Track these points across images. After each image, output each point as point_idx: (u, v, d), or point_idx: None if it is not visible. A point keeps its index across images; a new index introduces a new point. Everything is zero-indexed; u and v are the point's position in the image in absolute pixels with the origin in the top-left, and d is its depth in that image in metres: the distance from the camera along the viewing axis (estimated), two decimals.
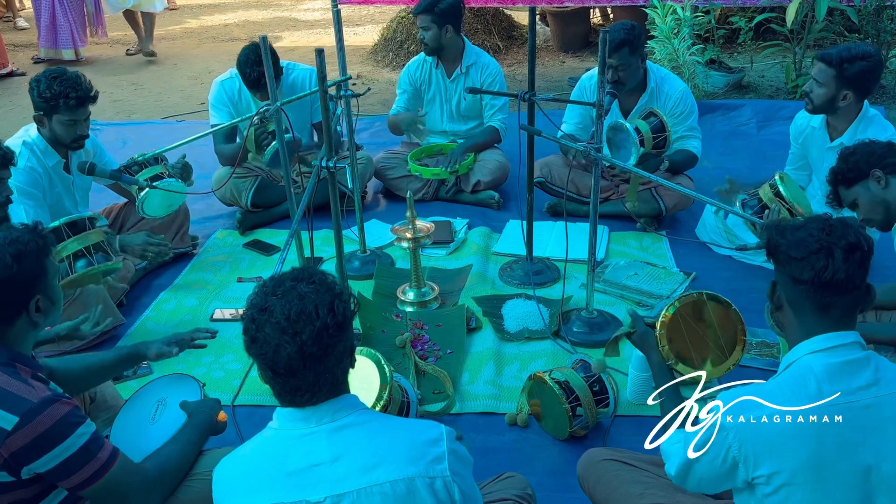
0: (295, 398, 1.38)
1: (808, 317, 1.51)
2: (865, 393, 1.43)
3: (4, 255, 1.63)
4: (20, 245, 1.66)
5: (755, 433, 1.43)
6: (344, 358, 1.41)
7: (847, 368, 1.45)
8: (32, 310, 1.69)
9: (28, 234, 1.70)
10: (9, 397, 1.56)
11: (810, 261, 1.46)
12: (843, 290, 1.47)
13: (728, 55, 6.32)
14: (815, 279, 1.46)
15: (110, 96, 6.39)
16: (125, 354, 2.14)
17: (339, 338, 1.37)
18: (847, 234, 1.47)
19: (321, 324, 1.33)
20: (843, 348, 1.47)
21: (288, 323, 1.32)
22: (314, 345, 1.32)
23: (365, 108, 5.30)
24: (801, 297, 1.50)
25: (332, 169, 2.67)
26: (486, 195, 4.07)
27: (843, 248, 1.45)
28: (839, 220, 1.52)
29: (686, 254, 3.50)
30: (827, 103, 3.01)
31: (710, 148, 4.45)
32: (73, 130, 3.03)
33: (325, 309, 1.35)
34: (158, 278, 3.45)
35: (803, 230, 1.50)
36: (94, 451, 1.62)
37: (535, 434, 2.45)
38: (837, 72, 2.93)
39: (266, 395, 2.64)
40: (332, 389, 1.39)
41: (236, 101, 3.86)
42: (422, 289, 3.17)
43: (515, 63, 6.83)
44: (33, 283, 1.69)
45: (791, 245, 1.49)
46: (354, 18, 8.80)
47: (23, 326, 1.70)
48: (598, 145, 2.62)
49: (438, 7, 3.87)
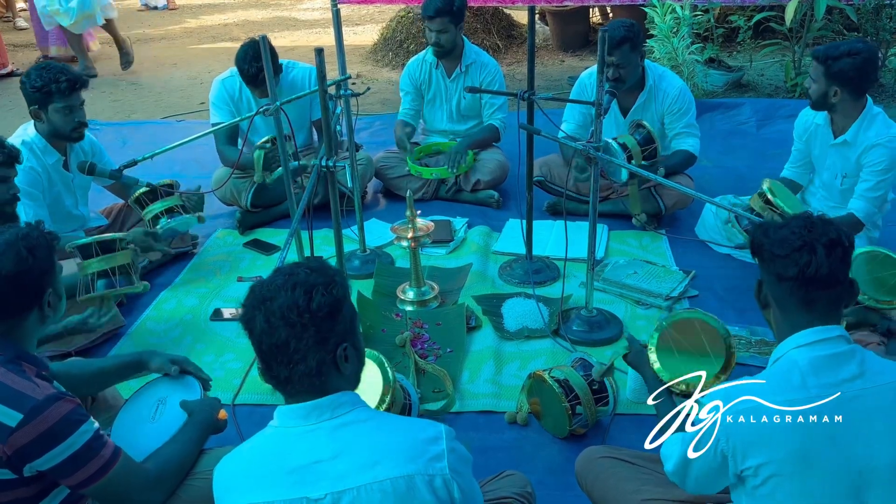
0: (279, 385, 1.39)
1: (793, 313, 1.53)
2: (850, 385, 1.44)
3: (20, 248, 1.67)
4: (31, 240, 1.70)
5: (741, 426, 1.44)
6: (326, 350, 1.36)
7: (832, 361, 1.47)
8: (46, 304, 1.73)
9: (34, 230, 1.75)
10: (13, 394, 1.57)
11: (794, 257, 1.49)
12: (826, 285, 1.49)
13: (727, 54, 6.33)
14: (800, 275, 1.48)
15: (110, 96, 6.40)
16: (127, 362, 2.14)
17: (315, 323, 1.34)
18: (828, 230, 1.50)
19: (290, 301, 1.33)
20: (828, 342, 1.49)
21: (263, 296, 1.35)
22: (281, 318, 1.32)
23: (365, 107, 5.32)
24: (786, 293, 1.52)
25: (331, 168, 2.67)
26: (485, 194, 4.08)
27: (825, 245, 1.48)
28: (819, 217, 1.55)
29: (685, 252, 3.51)
30: (821, 99, 3.03)
31: (709, 147, 4.46)
32: (72, 118, 3.04)
33: (303, 290, 1.34)
34: (159, 277, 3.46)
35: (786, 228, 1.53)
36: (96, 449, 1.63)
37: (534, 432, 2.46)
38: (825, 68, 2.95)
39: (266, 393, 2.65)
40: (316, 380, 1.36)
41: (237, 99, 3.87)
42: (421, 288, 3.17)
43: (515, 62, 6.83)
44: (46, 276, 1.73)
45: (774, 243, 1.52)
46: (354, 18, 8.81)
47: (32, 323, 1.73)
48: (597, 144, 2.63)
49: (455, 6, 3.86)
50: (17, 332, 1.71)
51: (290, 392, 1.40)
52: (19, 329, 1.71)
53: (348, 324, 1.42)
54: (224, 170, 3.81)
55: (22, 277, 1.67)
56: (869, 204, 3.01)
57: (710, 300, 3.13)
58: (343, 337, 1.40)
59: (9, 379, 1.59)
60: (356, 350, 1.45)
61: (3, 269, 1.64)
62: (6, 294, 1.66)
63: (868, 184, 3.00)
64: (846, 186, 3.14)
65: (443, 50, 3.97)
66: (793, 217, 1.58)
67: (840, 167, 3.14)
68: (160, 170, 4.26)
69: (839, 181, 3.16)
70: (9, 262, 1.65)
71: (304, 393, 1.38)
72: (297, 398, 1.40)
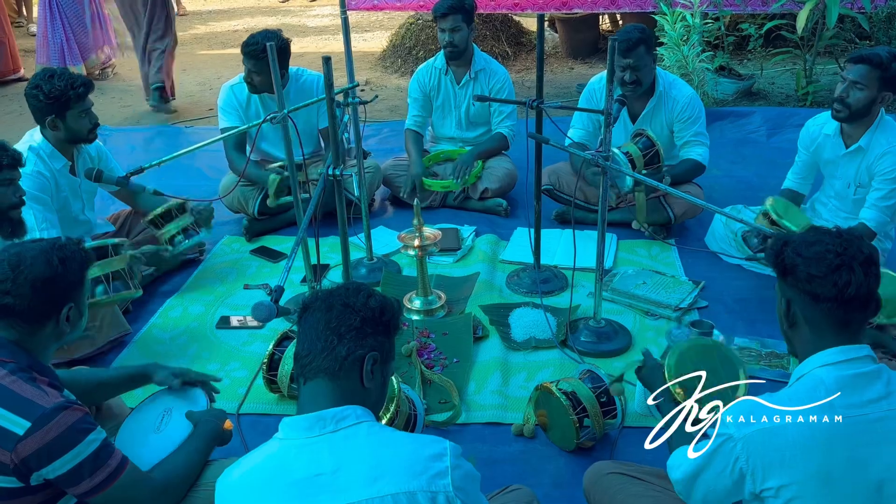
0: (301, 366, 1.45)
1: (826, 332, 1.49)
2: (876, 406, 1.41)
3: (52, 257, 1.71)
4: (66, 251, 1.75)
5: (763, 444, 1.41)
6: (358, 345, 1.43)
7: (858, 381, 1.43)
8: (64, 317, 1.74)
9: (73, 244, 1.79)
10: (22, 402, 1.58)
11: (832, 278, 1.44)
12: (863, 305, 1.46)
13: (738, 62, 6.30)
14: (839, 296, 1.44)
15: (119, 101, 6.42)
16: (132, 374, 2.14)
17: (363, 312, 1.45)
18: (862, 246, 1.46)
19: (353, 291, 1.49)
20: (855, 361, 1.45)
21: (329, 290, 1.52)
22: (339, 298, 1.47)
23: (373, 114, 5.32)
24: (822, 314, 1.48)
25: (338, 177, 2.66)
26: (493, 202, 4.06)
27: (862, 263, 1.44)
28: (848, 232, 1.51)
29: (695, 262, 3.48)
30: (866, 107, 2.90)
31: (719, 156, 4.43)
32: (89, 120, 3.11)
33: (367, 291, 1.50)
34: (165, 285, 3.45)
35: (818, 245, 1.48)
36: (103, 458, 1.64)
37: (541, 445, 2.43)
38: (881, 72, 2.83)
39: (271, 402, 2.64)
40: (335, 365, 1.41)
41: (245, 105, 3.86)
42: (428, 297, 3.15)
43: (524, 69, 6.82)
44: (72, 289, 1.76)
45: (810, 262, 1.46)
46: (363, 24, 8.82)
47: (49, 334, 1.75)
48: (605, 153, 2.61)
49: (467, 3, 3.86)
50: (33, 341, 1.73)
51: (307, 373, 1.43)
52: (35, 338, 1.73)
53: (385, 346, 1.49)
54: (231, 177, 3.81)
55: (48, 285, 1.70)
56: (881, 213, 2.97)
57: (719, 311, 3.10)
58: (376, 349, 1.46)
59: (18, 387, 1.60)
60: (383, 373, 1.49)
61: (32, 274, 1.68)
62: (30, 299, 1.68)
63: (880, 193, 2.96)
64: (859, 196, 3.10)
65: (456, 50, 3.94)
66: (818, 232, 1.53)
67: (853, 176, 3.10)
68: (168, 175, 4.28)
69: (852, 190, 3.13)
70: (38, 268, 1.69)
71: (321, 373, 1.42)
72: (309, 390, 1.42)
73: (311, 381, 1.43)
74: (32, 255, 1.70)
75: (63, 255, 1.73)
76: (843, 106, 2.94)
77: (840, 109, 2.95)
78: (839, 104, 2.95)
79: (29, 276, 1.68)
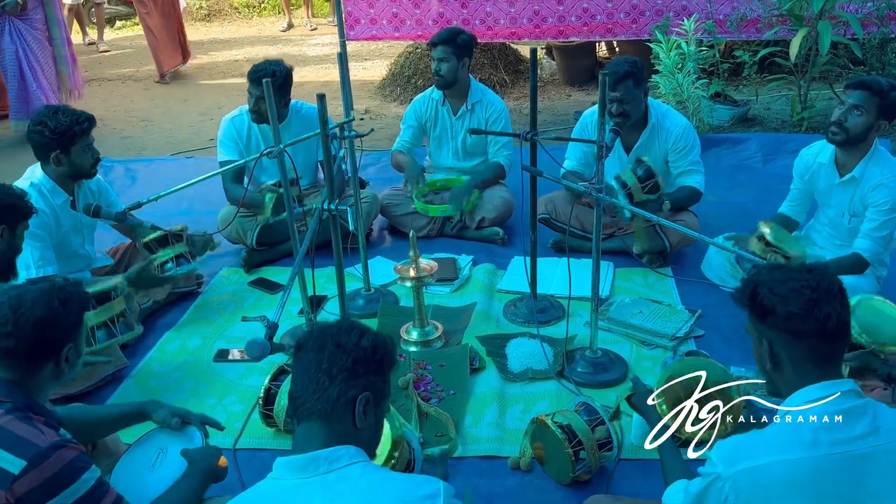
0: (294, 408, 1.46)
1: (809, 369, 1.49)
2: (863, 442, 1.41)
3: (52, 298, 1.74)
4: (66, 292, 1.77)
5: (751, 483, 1.41)
6: (351, 386, 1.44)
7: (844, 417, 1.43)
8: (63, 358, 1.76)
9: (72, 286, 1.82)
10: (17, 441, 1.59)
11: (813, 313, 1.45)
12: (842, 335, 1.47)
13: (733, 88, 6.34)
14: (821, 330, 1.45)
15: (120, 133, 6.47)
16: (130, 412, 2.15)
17: (354, 353, 1.45)
18: (831, 278, 1.48)
19: (345, 331, 1.49)
20: (839, 397, 1.45)
21: (323, 328, 1.52)
22: (331, 338, 1.47)
23: (372, 143, 5.36)
24: (804, 350, 1.48)
25: (333, 211, 2.68)
26: (490, 231, 4.08)
27: (836, 294, 1.46)
28: (812, 266, 1.52)
29: (691, 290, 3.48)
30: (863, 132, 2.91)
31: (715, 182, 4.45)
32: (91, 155, 3.15)
33: (359, 330, 1.50)
34: (163, 318, 3.46)
35: (791, 281, 1.48)
36: (98, 496, 1.65)
37: (538, 478, 2.42)
38: (880, 100, 2.85)
39: (268, 437, 2.63)
40: (328, 408, 1.42)
41: (246, 137, 3.90)
42: (425, 328, 3.16)
43: (522, 97, 6.87)
44: (71, 330, 1.78)
45: (788, 300, 1.47)
46: (363, 53, 8.90)
47: (47, 375, 1.77)
48: (599, 185, 2.63)
49: (460, 38, 3.92)
50: (30, 382, 1.75)
51: (300, 414, 1.44)
52: (32, 379, 1.75)
53: (378, 385, 1.49)
54: (230, 209, 3.83)
55: (48, 326, 1.72)
56: (874, 244, 2.98)
57: (715, 340, 3.10)
58: (368, 389, 1.46)
59: (13, 426, 1.62)
60: (376, 413, 1.50)
61: (33, 315, 1.70)
62: (31, 340, 1.70)
63: (873, 223, 2.97)
64: (853, 225, 3.11)
65: (442, 80, 3.99)
66: (789, 269, 1.54)
67: (847, 205, 3.12)
68: (167, 207, 4.28)
69: (846, 219, 3.14)
70: (39, 309, 1.71)
71: (313, 416, 1.42)
72: (303, 431, 1.42)
73: (304, 422, 1.44)
74: (33, 296, 1.72)
75: (63, 296, 1.76)
76: (840, 129, 2.95)
77: (837, 132, 2.96)
78: (837, 127, 2.96)
79: (30, 317, 1.70)
